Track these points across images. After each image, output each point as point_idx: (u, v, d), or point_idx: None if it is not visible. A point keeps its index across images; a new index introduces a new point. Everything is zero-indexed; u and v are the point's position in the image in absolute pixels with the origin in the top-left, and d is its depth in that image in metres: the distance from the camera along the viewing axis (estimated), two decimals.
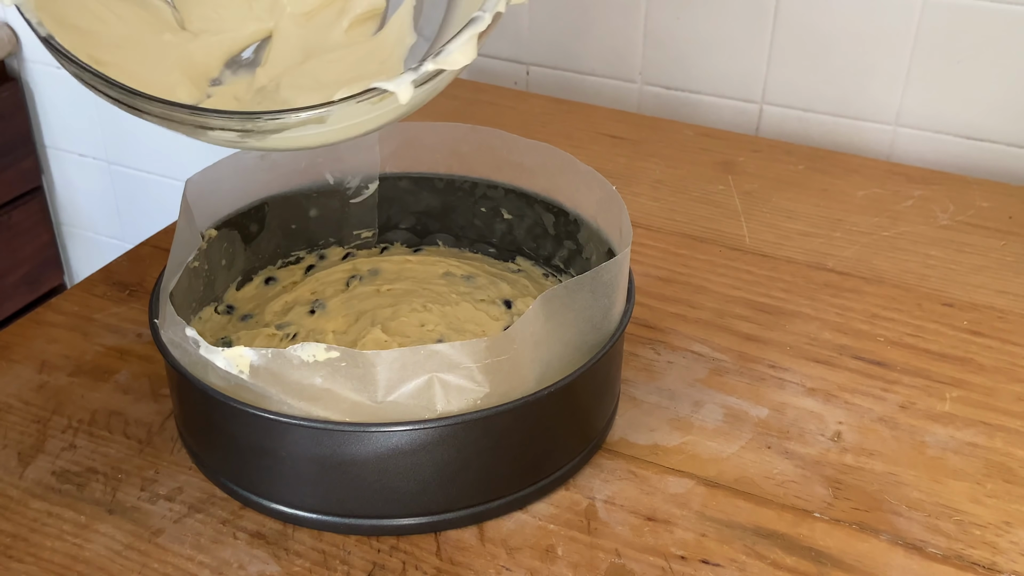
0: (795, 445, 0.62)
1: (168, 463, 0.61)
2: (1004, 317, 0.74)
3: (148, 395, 0.66)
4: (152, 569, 0.54)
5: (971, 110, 0.94)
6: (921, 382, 0.67)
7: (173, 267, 0.60)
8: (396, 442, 0.53)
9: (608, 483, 0.60)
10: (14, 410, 0.65)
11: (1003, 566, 0.55)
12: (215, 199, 0.67)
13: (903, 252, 0.81)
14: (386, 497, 0.55)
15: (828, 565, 0.54)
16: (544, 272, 0.73)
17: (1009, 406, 0.65)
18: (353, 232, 0.75)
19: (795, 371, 0.68)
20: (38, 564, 0.55)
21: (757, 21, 0.99)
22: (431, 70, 0.49)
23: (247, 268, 0.71)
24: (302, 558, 0.55)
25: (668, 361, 0.69)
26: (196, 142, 0.53)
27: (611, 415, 0.63)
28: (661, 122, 1.03)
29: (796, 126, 1.02)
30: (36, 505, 0.58)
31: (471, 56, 0.49)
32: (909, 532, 0.56)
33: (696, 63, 1.04)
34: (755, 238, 0.83)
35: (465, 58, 0.49)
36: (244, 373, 0.52)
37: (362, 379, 0.51)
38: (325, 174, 0.72)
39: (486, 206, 0.74)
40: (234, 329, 0.67)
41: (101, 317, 0.74)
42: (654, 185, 0.91)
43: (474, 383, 0.52)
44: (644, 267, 0.79)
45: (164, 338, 0.56)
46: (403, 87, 0.48)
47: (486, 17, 0.49)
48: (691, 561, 0.55)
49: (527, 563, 0.54)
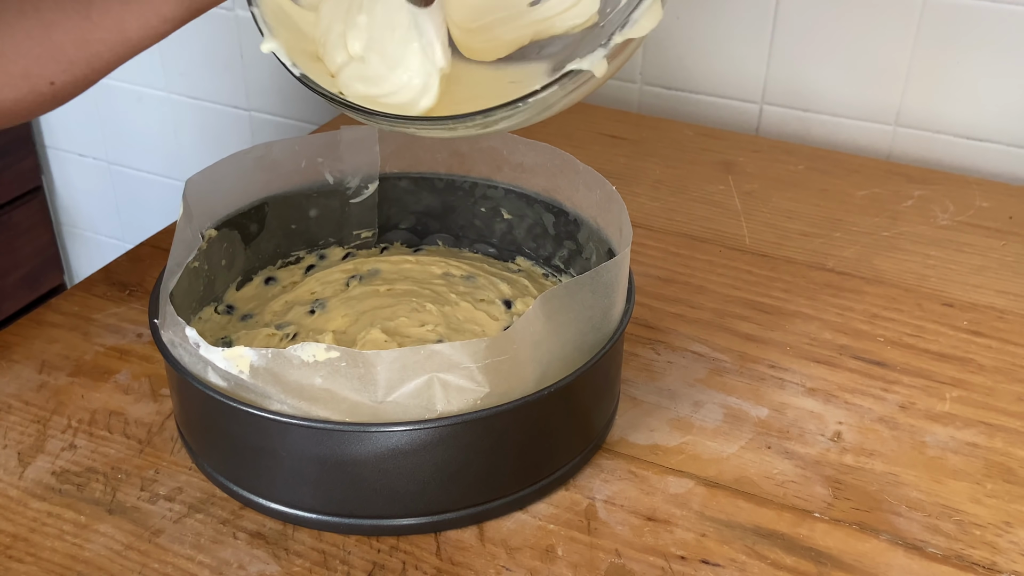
0: (795, 445, 0.62)
1: (168, 463, 0.61)
2: (1004, 317, 0.73)
3: (148, 395, 0.66)
4: (152, 569, 0.54)
5: (971, 110, 0.94)
6: (921, 382, 0.67)
7: (173, 267, 0.60)
8: (396, 442, 0.53)
9: (608, 483, 0.60)
10: (14, 410, 0.65)
11: (1003, 566, 0.55)
12: (215, 199, 0.67)
13: (903, 252, 0.81)
14: (386, 497, 0.55)
15: (828, 565, 0.54)
16: (544, 272, 0.73)
17: (1009, 406, 0.65)
18: (353, 232, 0.75)
19: (795, 371, 0.68)
20: (38, 564, 0.55)
21: (757, 21, 0.99)
22: (620, 42, 0.48)
23: (247, 268, 0.71)
24: (302, 558, 0.55)
25: (668, 361, 0.69)
26: (196, 142, 0.53)
27: (611, 415, 0.63)
28: (661, 122, 1.03)
29: (796, 126, 1.02)
30: (36, 505, 0.58)
31: (656, 20, 0.48)
32: (909, 532, 0.56)
33: (696, 63, 1.04)
34: (755, 238, 0.83)
35: (651, 23, 0.48)
36: (244, 373, 0.52)
37: (362, 379, 0.51)
38: (325, 174, 0.72)
39: (486, 206, 0.74)
40: (234, 329, 0.67)
41: (101, 317, 0.74)
42: (654, 185, 0.91)
43: (474, 383, 0.52)
44: (644, 267, 0.79)
45: (164, 338, 0.56)
46: (598, 64, 0.48)
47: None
48: (691, 561, 0.55)
49: (527, 563, 0.54)
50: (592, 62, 0.48)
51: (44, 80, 0.55)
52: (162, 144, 1.39)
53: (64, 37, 0.55)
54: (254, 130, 1.32)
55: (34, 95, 0.55)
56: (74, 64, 0.55)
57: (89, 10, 0.54)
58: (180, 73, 1.32)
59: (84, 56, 0.55)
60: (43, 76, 0.55)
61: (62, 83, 0.56)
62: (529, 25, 0.57)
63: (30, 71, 0.54)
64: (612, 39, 0.48)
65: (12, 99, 0.55)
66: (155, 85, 1.35)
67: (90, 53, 0.55)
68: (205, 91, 1.32)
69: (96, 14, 0.54)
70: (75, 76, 0.56)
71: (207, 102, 1.33)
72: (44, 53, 0.54)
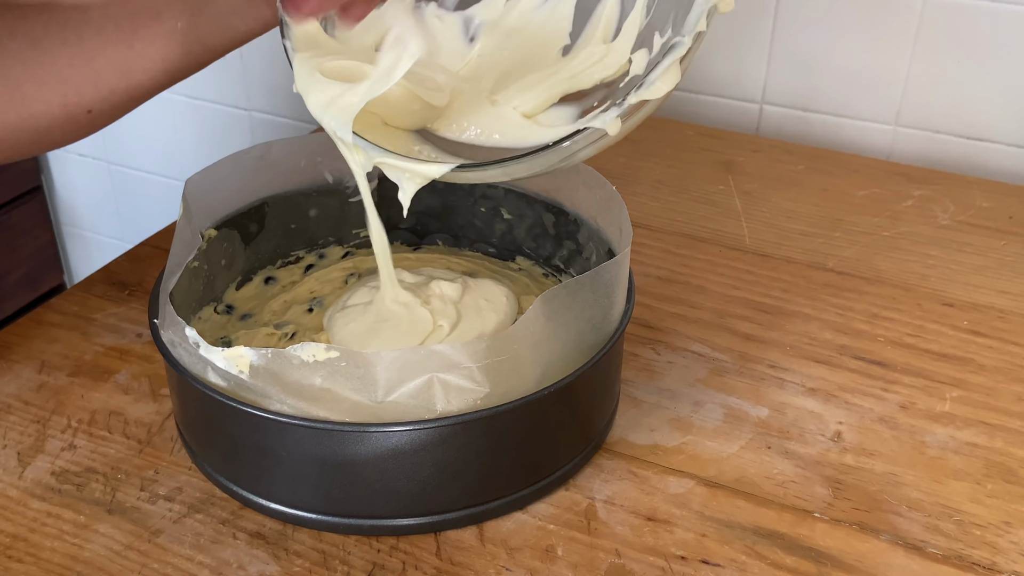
0: (795, 445, 0.62)
1: (168, 463, 0.61)
2: (1004, 317, 0.73)
3: (148, 395, 0.66)
4: (152, 569, 0.54)
5: (971, 110, 0.94)
6: (921, 382, 0.67)
7: (173, 267, 0.60)
8: (396, 442, 0.53)
9: (608, 483, 0.59)
10: (14, 410, 0.65)
11: (1003, 566, 0.55)
12: (215, 199, 0.67)
13: (903, 252, 0.81)
14: (386, 497, 0.55)
15: (828, 565, 0.54)
16: (544, 272, 0.73)
17: (1009, 406, 0.65)
18: (352, 231, 0.75)
19: (795, 371, 0.68)
20: (38, 564, 0.55)
21: (757, 21, 0.99)
22: (635, 103, 0.49)
23: (247, 268, 0.71)
24: (302, 558, 0.55)
25: (668, 361, 0.69)
26: (195, 142, 0.53)
27: (611, 415, 0.63)
28: (661, 122, 1.03)
29: (796, 126, 1.02)
30: (36, 505, 0.58)
31: (674, 83, 0.49)
32: (909, 532, 0.56)
33: (696, 63, 1.04)
34: (755, 238, 0.83)
35: (667, 86, 0.49)
36: (244, 373, 0.52)
37: (362, 379, 0.51)
38: (324, 173, 0.72)
39: (486, 206, 0.74)
40: (233, 329, 0.67)
41: (101, 317, 0.74)
42: (654, 185, 0.91)
43: (474, 383, 0.52)
44: (644, 267, 0.79)
45: (164, 338, 0.56)
46: (611, 123, 0.49)
47: (686, 41, 0.48)
48: (691, 561, 0.55)
49: (527, 563, 0.54)
50: (605, 121, 0.49)
51: (82, 108, 0.54)
52: (162, 144, 1.39)
53: (106, 66, 0.54)
54: (254, 130, 1.32)
55: (71, 123, 0.55)
56: (114, 93, 0.55)
57: (133, 40, 0.54)
58: None
59: (125, 86, 0.55)
60: (81, 104, 0.54)
61: (99, 111, 0.55)
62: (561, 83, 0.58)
63: (68, 98, 0.54)
64: (627, 99, 0.49)
65: (47, 125, 0.54)
66: None
67: (131, 82, 0.55)
68: (205, 91, 1.32)
69: (140, 44, 0.54)
70: (113, 105, 0.55)
71: (207, 102, 1.33)
72: (84, 82, 0.54)
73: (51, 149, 0.57)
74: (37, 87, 0.53)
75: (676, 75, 0.49)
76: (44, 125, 0.54)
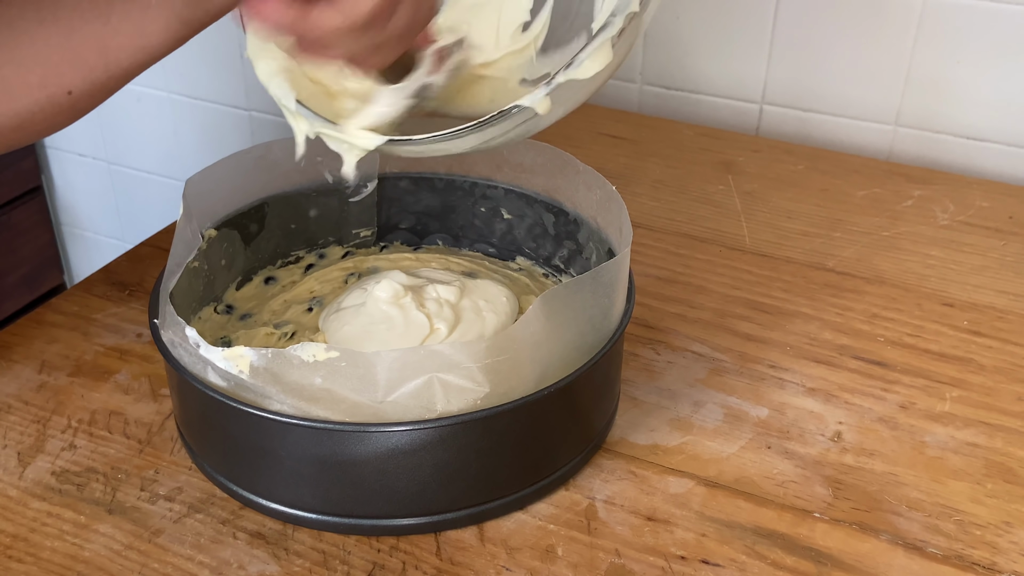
0: (795, 445, 0.62)
1: (168, 463, 0.61)
2: (1004, 317, 0.73)
3: (148, 395, 0.66)
4: (152, 569, 0.54)
5: (971, 110, 0.94)
6: (921, 382, 0.67)
7: (173, 267, 0.60)
8: (396, 442, 0.53)
9: (608, 483, 0.59)
10: (14, 410, 0.65)
11: (1003, 566, 0.55)
12: (215, 199, 0.67)
13: (903, 252, 0.81)
14: (386, 497, 0.55)
15: (828, 565, 0.54)
16: (544, 272, 0.73)
17: (1009, 406, 0.65)
18: (352, 231, 0.75)
19: (795, 371, 0.68)
20: (38, 564, 0.55)
21: (757, 21, 0.99)
22: (562, 82, 0.49)
23: (247, 268, 0.71)
24: (302, 558, 0.55)
25: (668, 361, 0.69)
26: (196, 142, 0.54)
27: (611, 415, 0.63)
28: (661, 122, 1.03)
29: (796, 126, 1.02)
30: (36, 505, 0.58)
31: (604, 63, 0.49)
32: (909, 532, 0.56)
33: (696, 63, 1.04)
34: (755, 238, 0.83)
35: (597, 65, 0.49)
36: (244, 373, 0.52)
37: (362, 379, 0.51)
38: (324, 173, 0.72)
39: (486, 206, 0.74)
40: (233, 329, 0.67)
41: (101, 317, 0.74)
42: (654, 185, 0.91)
43: (474, 383, 0.52)
44: (644, 267, 0.79)
45: (164, 338, 0.56)
46: (540, 102, 0.49)
47: (617, 21, 0.48)
48: (691, 561, 0.55)
49: (527, 563, 0.54)
50: (534, 99, 0.49)
51: (62, 89, 0.54)
52: (162, 144, 1.39)
53: (83, 43, 0.54)
54: (254, 130, 1.32)
55: (52, 105, 0.55)
56: (93, 71, 0.55)
57: (109, 15, 0.54)
58: (180, 73, 1.32)
59: (103, 63, 0.55)
60: (61, 85, 0.54)
61: (80, 92, 0.55)
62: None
63: (48, 79, 0.54)
64: (555, 79, 0.49)
65: (28, 110, 0.54)
66: (155, 85, 1.35)
67: (109, 60, 0.55)
68: (205, 91, 1.32)
69: (116, 19, 0.54)
70: (93, 84, 0.55)
71: (207, 102, 1.33)
72: (63, 60, 0.54)
73: (36, 139, 0.57)
74: (16, 69, 0.53)
75: (607, 55, 0.49)
76: (26, 110, 0.54)
